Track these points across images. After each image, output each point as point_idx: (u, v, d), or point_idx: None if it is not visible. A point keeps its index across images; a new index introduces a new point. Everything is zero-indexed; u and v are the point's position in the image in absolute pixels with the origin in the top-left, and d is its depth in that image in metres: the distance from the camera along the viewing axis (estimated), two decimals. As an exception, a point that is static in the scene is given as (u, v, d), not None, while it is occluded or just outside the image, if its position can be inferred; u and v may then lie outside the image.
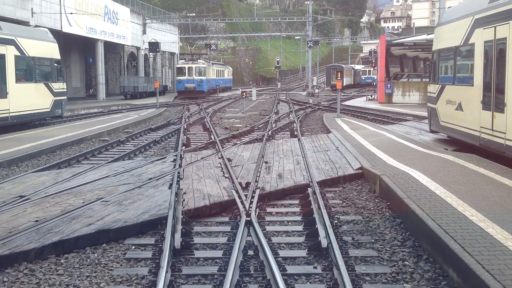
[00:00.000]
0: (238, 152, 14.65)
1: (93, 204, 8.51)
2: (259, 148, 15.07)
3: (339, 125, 21.54)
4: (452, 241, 5.89)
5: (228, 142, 18.22)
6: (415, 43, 37.91)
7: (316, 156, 13.85)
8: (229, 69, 72.45)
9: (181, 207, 8.34)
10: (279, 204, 9.37)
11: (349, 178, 11.32)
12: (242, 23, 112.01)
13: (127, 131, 21.43)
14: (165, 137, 19.55)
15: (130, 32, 52.84)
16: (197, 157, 13.84)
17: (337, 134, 18.33)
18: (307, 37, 58.11)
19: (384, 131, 19.16)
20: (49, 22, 35.15)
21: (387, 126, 21.71)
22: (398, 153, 13.22)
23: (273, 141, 17.53)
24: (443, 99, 15.29)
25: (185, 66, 49.26)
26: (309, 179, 10.67)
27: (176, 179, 10.52)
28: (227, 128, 22.95)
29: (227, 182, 10.46)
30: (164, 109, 33.98)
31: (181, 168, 12.11)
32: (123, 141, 18.10)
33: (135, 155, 15.38)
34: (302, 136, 18.43)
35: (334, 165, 12.31)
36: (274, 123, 24.50)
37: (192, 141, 18.51)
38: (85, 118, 28.17)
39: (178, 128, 21.85)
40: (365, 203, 9.19)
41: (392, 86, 36.39)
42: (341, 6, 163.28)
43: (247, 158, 13.54)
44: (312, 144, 16.19)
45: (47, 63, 22.37)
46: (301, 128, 22.57)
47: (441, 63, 15.79)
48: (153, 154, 15.65)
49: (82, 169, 12.18)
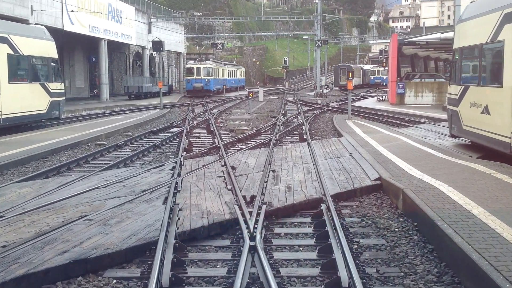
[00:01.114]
0: (243, 159, 13.48)
1: (73, 224, 7.37)
2: (266, 154, 13.90)
3: (350, 128, 20.33)
4: (507, 284, 4.69)
5: (233, 147, 17.07)
6: (428, 42, 36.60)
7: (328, 163, 12.66)
8: (241, 69, 74.72)
9: (175, 228, 7.17)
10: (288, 223, 8.19)
11: (366, 190, 10.12)
12: (250, 22, 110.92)
13: (126, 134, 20.32)
14: (166, 141, 18.42)
15: (135, 31, 51.78)
16: (198, 165, 12.69)
17: (349, 138, 17.14)
18: (315, 36, 56.87)
19: (400, 135, 17.94)
20: (49, 20, 34.12)
21: (402, 129, 20.48)
22: (419, 160, 12.00)
23: (281, 146, 16.36)
24: (467, 101, 14.04)
25: (194, 67, 52.06)
26: (321, 192, 9.49)
27: (172, 192, 9.38)
28: (232, 130, 21.80)
29: (230, 195, 9.29)
30: (168, 110, 32.87)
31: (179, 177, 10.96)
32: (121, 145, 16.97)
33: (132, 161, 14.24)
34: (312, 140, 17.24)
35: (349, 175, 11.12)
36: (281, 125, 23.33)
37: (194, 145, 17.37)
38: (85, 119, 27.08)
39: (180, 131, 20.72)
40: (387, 222, 7.99)
41: (404, 86, 35.08)
42: (349, 6, 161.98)
43: (253, 166, 12.38)
44: (323, 150, 15.00)
45: (44, 62, 21.28)
46: (310, 131, 21.39)
47: (464, 62, 14.54)
48: (152, 160, 14.51)
49: (71, 178, 11.06)
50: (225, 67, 61.64)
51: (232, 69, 67.12)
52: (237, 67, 72.50)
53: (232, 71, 66.52)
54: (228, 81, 62.49)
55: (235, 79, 68.34)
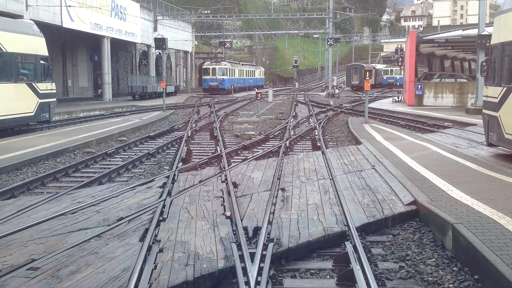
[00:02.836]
0: (248, 172, 11.50)
1: (10, 276, 5.42)
2: (274, 167, 11.92)
3: (369, 134, 18.29)
4: None
5: (237, 155, 15.09)
6: (448, 40, 34.43)
7: (348, 179, 10.65)
8: (260, 69, 79.97)
9: (147, 286, 5.20)
10: (302, 270, 6.18)
11: (399, 218, 8.11)
12: (259, 21, 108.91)
13: (121, 140, 18.37)
14: (164, 147, 16.45)
15: (140, 29, 49.88)
16: (194, 180, 10.73)
17: (369, 146, 15.10)
18: (327, 35, 54.70)
19: (426, 142, 15.88)
20: (47, 16, 32.24)
21: (426, 135, 18.38)
22: (458, 177, 9.97)
23: (291, 155, 14.34)
24: (509, 106, 11.96)
25: (210, 67, 57.29)
26: (344, 222, 7.50)
27: (156, 221, 7.43)
28: (237, 135, 19.81)
29: (228, 227, 7.32)
30: (171, 112, 30.92)
31: (169, 198, 9.03)
32: (111, 153, 15.02)
33: (119, 174, 12.28)
34: (326, 149, 15.22)
35: (375, 196, 9.10)
36: (292, 129, 21.32)
37: (194, 153, 15.41)
38: (80, 122, 25.17)
39: (181, 136, 18.78)
40: (436, 271, 5.96)
41: (423, 87, 32.88)
42: (361, 5, 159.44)
43: (258, 182, 10.40)
44: (341, 161, 12.98)
45: (31, 60, 19.37)
46: (324, 136, 19.36)
47: (506, 59, 12.45)
48: (142, 173, 12.55)
49: (38, 199, 9.12)
50: (242, 67, 66.73)
51: (250, 69, 72.39)
52: (255, 67, 77.81)
53: (250, 71, 71.82)
54: (245, 81, 67.73)
55: (253, 78, 72.98)
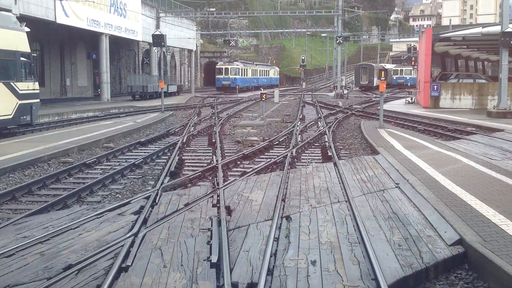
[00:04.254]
0: (246, 192, 9.49)
1: None
2: (278, 183, 9.93)
3: (386, 141, 16.23)
4: None
5: (236, 167, 13.07)
6: (465, 38, 32.26)
7: (369, 203, 8.62)
8: (275, 69, 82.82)
9: None
10: None
11: (443, 265, 6.08)
12: (266, 20, 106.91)
13: (106, 147, 16.39)
14: (153, 156, 14.43)
15: (141, 26, 47.90)
16: (179, 202, 8.74)
17: (388, 157, 13.06)
18: (336, 33, 52.56)
19: (453, 152, 13.81)
20: (38, 11, 30.29)
21: (450, 143, 16.27)
22: (509, 202, 7.93)
23: (299, 168, 12.30)
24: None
25: (223, 67, 60.81)
26: (371, 275, 5.48)
27: (114, 272, 5.45)
28: (239, 142, 17.79)
29: (211, 283, 5.30)
30: (170, 113, 28.94)
31: (143, 229, 7.06)
32: (91, 164, 13.03)
33: (92, 192, 10.26)
34: (339, 159, 13.17)
35: (407, 230, 7.07)
36: (299, 134, 19.30)
37: (187, 164, 13.41)
38: (69, 125, 23.17)
39: (175, 142, 16.79)
40: None
41: (440, 88, 30.72)
42: (369, 3, 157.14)
43: (258, 206, 8.39)
44: (357, 176, 10.94)
45: (9, 57, 17.39)
46: (334, 142, 17.33)
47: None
48: (121, 191, 10.54)
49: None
50: (256, 67, 70.31)
51: (264, 68, 75.95)
52: (270, 67, 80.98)
53: (265, 71, 75.38)
54: (259, 80, 70.93)
55: (267, 78, 76.43)
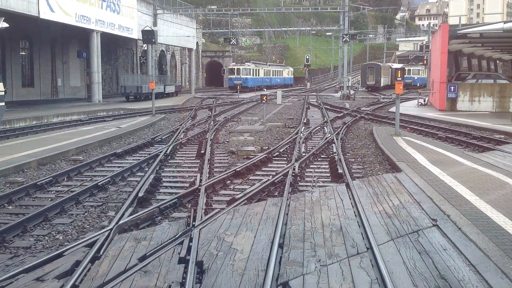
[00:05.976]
0: (229, 234, 6.93)
1: None
2: (275, 219, 7.40)
3: (406, 153, 13.63)
4: None
5: (224, 188, 10.51)
6: (482, 34, 29.65)
7: (403, 257, 6.05)
8: (289, 69, 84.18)
9: None
10: None
11: None
12: (269, 18, 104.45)
13: (74, 160, 13.84)
14: (125, 174, 11.87)
15: (136, 24, 45.31)
16: (131, 255, 6.20)
17: (414, 177, 10.48)
18: (342, 31, 49.93)
19: (492, 168, 11.23)
20: (19, 5, 27.76)
21: (485, 156, 13.63)
22: None
23: (302, 194, 9.70)
24: None
25: (235, 67, 64.32)
26: None
27: None
28: (232, 152, 15.22)
29: None
30: (161, 117, 26.39)
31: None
32: (43, 185, 10.47)
33: (25, 231, 7.71)
34: (352, 180, 10.59)
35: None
36: (303, 143, 16.74)
37: (163, 184, 10.86)
38: (43, 131, 20.55)
39: (157, 153, 14.25)
40: None
41: (457, 89, 28.08)
42: (375, 3, 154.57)
43: (244, 261, 5.85)
44: (379, 207, 8.36)
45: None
46: (344, 154, 14.74)
47: None
48: (66, 228, 7.97)
49: None
50: (268, 67, 72.69)
51: (277, 69, 78.11)
52: (283, 67, 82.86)
53: (277, 71, 77.41)
54: (272, 80, 73.47)
55: (281, 77, 78.40)
